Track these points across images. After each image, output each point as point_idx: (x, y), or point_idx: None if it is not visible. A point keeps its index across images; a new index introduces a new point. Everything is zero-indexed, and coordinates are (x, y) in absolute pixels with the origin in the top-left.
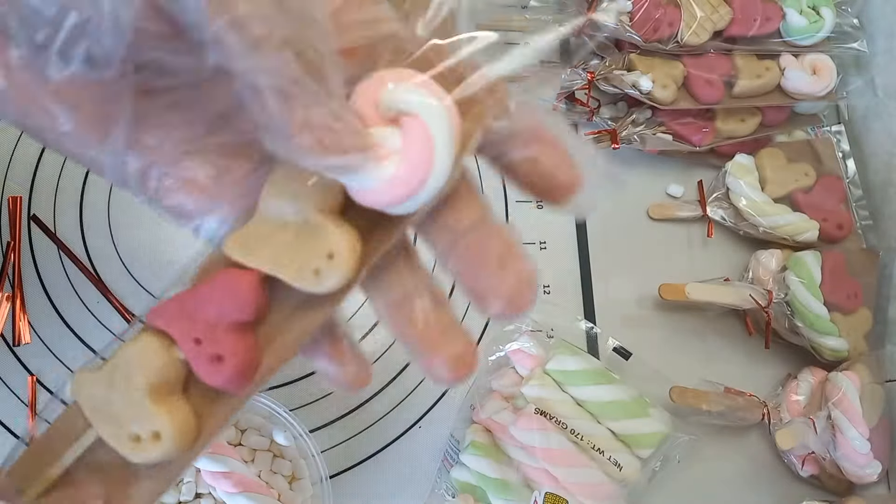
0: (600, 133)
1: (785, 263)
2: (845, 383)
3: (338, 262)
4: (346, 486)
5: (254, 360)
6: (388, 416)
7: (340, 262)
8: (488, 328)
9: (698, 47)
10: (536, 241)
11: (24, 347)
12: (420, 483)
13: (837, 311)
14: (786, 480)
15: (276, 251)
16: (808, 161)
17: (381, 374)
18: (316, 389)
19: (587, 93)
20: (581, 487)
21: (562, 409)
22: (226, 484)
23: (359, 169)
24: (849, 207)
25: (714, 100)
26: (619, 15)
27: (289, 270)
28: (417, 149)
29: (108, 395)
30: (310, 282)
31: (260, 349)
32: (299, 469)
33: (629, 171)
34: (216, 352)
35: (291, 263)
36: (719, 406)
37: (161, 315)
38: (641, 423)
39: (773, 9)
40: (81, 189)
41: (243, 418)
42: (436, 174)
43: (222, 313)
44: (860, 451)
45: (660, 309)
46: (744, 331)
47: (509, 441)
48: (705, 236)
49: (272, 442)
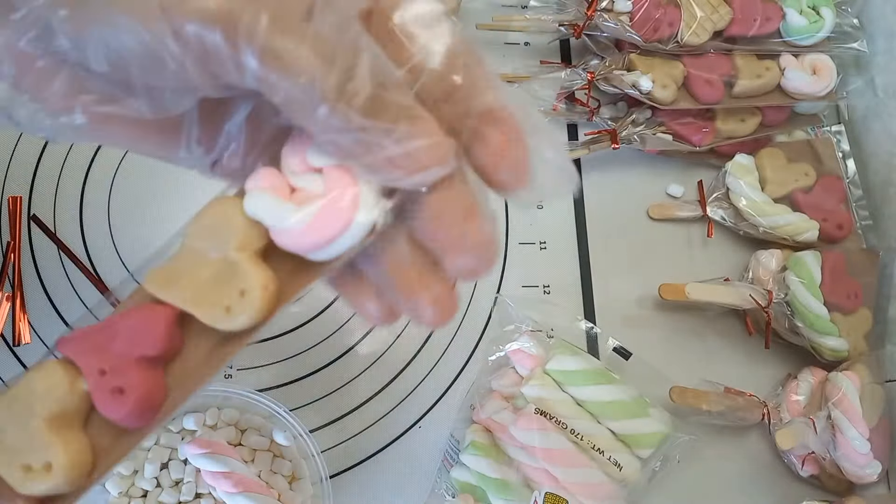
0: (600, 133)
1: (785, 263)
2: (845, 383)
3: (249, 299)
4: (346, 486)
5: (156, 395)
6: (388, 416)
7: (252, 299)
8: (488, 328)
9: (698, 47)
10: (536, 241)
11: (24, 347)
12: (420, 483)
13: (837, 311)
14: (786, 480)
15: (193, 288)
16: (808, 161)
17: (381, 374)
18: (316, 389)
19: (587, 93)
20: (581, 487)
21: (562, 409)
22: (226, 484)
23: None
24: (849, 207)
25: (714, 100)
26: (619, 15)
27: (202, 308)
28: (338, 195)
29: (4, 424)
30: (221, 319)
31: (165, 385)
32: (299, 469)
33: (629, 171)
34: (119, 384)
35: (205, 300)
36: (719, 406)
37: (70, 343)
38: (641, 423)
39: (773, 9)
40: (81, 189)
41: (243, 418)
42: (357, 222)
43: (132, 347)
44: (860, 451)
45: (660, 309)
46: (744, 331)
47: (509, 441)
48: (705, 236)
49: (272, 442)
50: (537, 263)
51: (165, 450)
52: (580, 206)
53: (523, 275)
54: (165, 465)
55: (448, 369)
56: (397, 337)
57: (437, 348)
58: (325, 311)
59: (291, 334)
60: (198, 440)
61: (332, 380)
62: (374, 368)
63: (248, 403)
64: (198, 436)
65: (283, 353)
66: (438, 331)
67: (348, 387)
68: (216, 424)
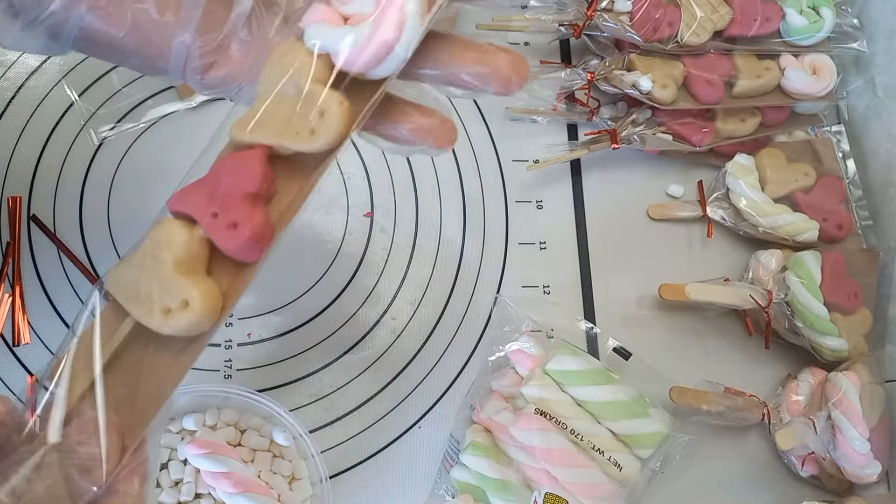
0: (600, 133)
1: (785, 263)
2: (845, 383)
3: (329, 117)
4: (346, 486)
5: (265, 226)
6: (388, 416)
7: (332, 116)
8: (488, 328)
9: (698, 47)
10: (536, 242)
11: (24, 347)
12: (420, 483)
13: (837, 311)
14: (786, 480)
15: (276, 124)
16: (808, 161)
17: (381, 374)
18: (315, 389)
19: (587, 93)
20: (581, 487)
21: (562, 409)
22: (226, 484)
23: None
24: (849, 207)
25: (714, 100)
26: (619, 15)
27: (289, 136)
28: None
29: (137, 277)
30: (308, 141)
31: (270, 219)
32: (299, 469)
33: (629, 171)
34: (232, 220)
35: (290, 131)
36: (719, 406)
37: (178, 201)
38: (641, 423)
39: (773, 9)
40: (81, 189)
41: (242, 419)
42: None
43: (234, 186)
44: (860, 451)
45: (660, 309)
46: (744, 331)
47: (509, 441)
48: (705, 236)
49: (272, 442)
50: (537, 263)
51: (165, 450)
52: (580, 206)
53: (523, 275)
54: (165, 466)
55: (448, 369)
56: (397, 337)
57: (437, 348)
58: (325, 312)
59: (291, 334)
60: (197, 440)
61: (332, 380)
62: (374, 368)
63: (248, 404)
64: (197, 436)
65: (284, 354)
66: (438, 331)
67: (349, 387)
68: (216, 425)
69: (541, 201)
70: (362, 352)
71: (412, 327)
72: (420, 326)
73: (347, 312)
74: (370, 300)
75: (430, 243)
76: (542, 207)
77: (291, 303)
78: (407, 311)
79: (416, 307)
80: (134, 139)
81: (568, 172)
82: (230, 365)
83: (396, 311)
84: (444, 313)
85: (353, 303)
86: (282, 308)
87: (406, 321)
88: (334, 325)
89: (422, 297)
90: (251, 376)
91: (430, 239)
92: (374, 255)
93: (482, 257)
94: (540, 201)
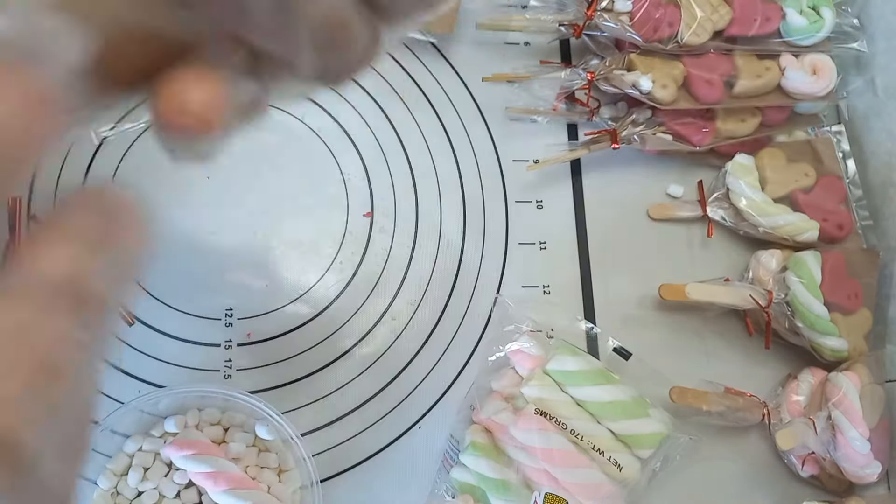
0: (600, 133)
1: (785, 263)
2: (845, 383)
3: None
4: (345, 487)
5: None
6: (388, 417)
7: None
8: (488, 328)
9: (698, 47)
10: (536, 242)
11: None
12: (420, 483)
13: (837, 311)
14: (786, 480)
15: None
16: (808, 161)
17: (381, 374)
18: (315, 389)
19: (587, 93)
20: (581, 488)
21: (562, 409)
22: (213, 484)
23: None
24: (849, 207)
25: (714, 100)
26: (619, 15)
27: None
28: None
29: None
30: None
31: None
32: (285, 460)
33: (629, 171)
34: None
35: None
36: (719, 406)
37: None
38: (641, 423)
39: (773, 9)
40: None
41: (225, 417)
42: None
43: None
44: (860, 451)
45: (660, 309)
46: (744, 331)
47: (509, 441)
48: (705, 236)
49: (256, 437)
50: (537, 263)
51: (149, 454)
52: (580, 206)
53: (523, 275)
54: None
55: (448, 369)
56: (397, 337)
57: (437, 348)
58: (325, 312)
59: (291, 334)
60: (179, 441)
61: (332, 380)
62: (374, 369)
63: (228, 402)
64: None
65: (284, 354)
66: (438, 331)
67: (348, 387)
68: (198, 425)
69: (541, 201)
70: (362, 352)
71: (412, 327)
72: (420, 326)
73: (347, 313)
74: (370, 300)
75: (430, 243)
76: (542, 207)
77: (291, 303)
78: (407, 311)
79: (416, 307)
80: (134, 139)
81: (568, 172)
82: (230, 365)
83: (396, 311)
84: (443, 313)
85: (353, 303)
86: (282, 308)
87: (406, 321)
88: (334, 326)
89: (422, 297)
90: (251, 376)
91: (430, 239)
92: (374, 256)
93: (482, 257)
94: (540, 201)
